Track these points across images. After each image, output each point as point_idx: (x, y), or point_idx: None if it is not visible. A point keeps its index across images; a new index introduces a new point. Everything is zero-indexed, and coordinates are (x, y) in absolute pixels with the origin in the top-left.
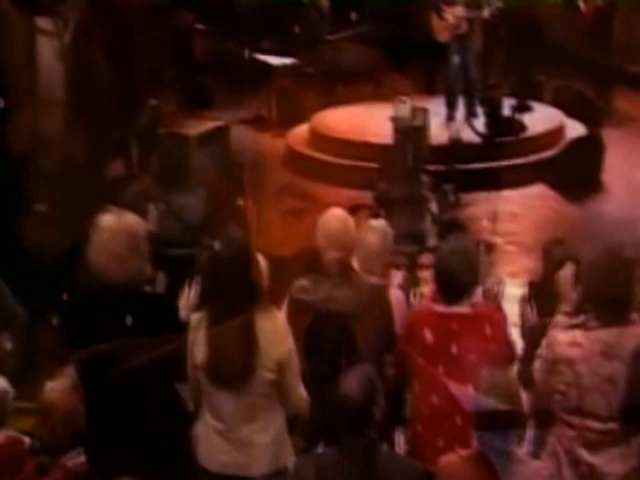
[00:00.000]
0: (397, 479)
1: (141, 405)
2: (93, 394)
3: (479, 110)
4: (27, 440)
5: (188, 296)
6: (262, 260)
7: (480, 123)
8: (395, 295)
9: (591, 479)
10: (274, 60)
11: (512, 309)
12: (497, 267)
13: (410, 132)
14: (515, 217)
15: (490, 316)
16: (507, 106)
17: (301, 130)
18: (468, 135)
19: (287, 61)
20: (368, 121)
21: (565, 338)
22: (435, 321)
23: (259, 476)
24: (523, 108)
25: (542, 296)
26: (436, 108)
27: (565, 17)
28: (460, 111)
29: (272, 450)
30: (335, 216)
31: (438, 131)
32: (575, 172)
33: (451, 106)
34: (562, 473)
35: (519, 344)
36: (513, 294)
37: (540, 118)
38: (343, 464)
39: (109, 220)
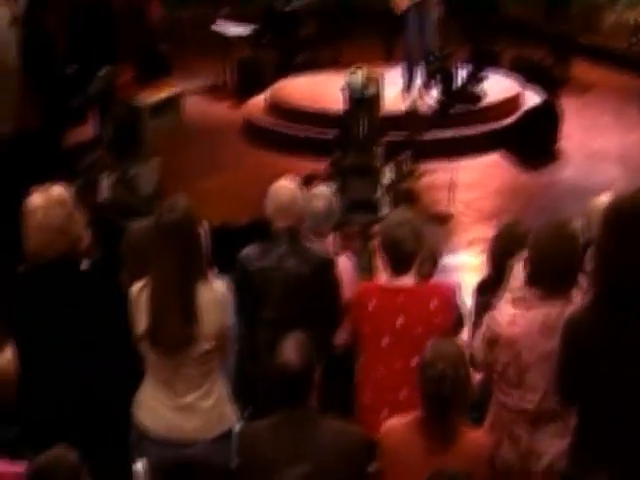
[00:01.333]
0: (338, 447)
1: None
2: (28, 365)
3: (436, 79)
4: None
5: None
6: (205, 227)
7: (437, 92)
8: (342, 263)
9: (529, 455)
10: (232, 29)
11: (469, 278)
12: (454, 236)
13: (363, 101)
14: (472, 186)
15: (436, 290)
16: (464, 75)
17: (258, 100)
18: (425, 104)
19: (245, 30)
20: (325, 90)
21: (504, 317)
22: (381, 294)
23: (204, 440)
24: (479, 77)
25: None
26: (394, 77)
27: None
28: (418, 80)
29: (215, 415)
30: (283, 187)
31: (395, 100)
32: (532, 141)
33: (408, 75)
34: (502, 445)
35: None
36: (470, 263)
37: (496, 87)
38: (283, 433)
39: (37, 199)
